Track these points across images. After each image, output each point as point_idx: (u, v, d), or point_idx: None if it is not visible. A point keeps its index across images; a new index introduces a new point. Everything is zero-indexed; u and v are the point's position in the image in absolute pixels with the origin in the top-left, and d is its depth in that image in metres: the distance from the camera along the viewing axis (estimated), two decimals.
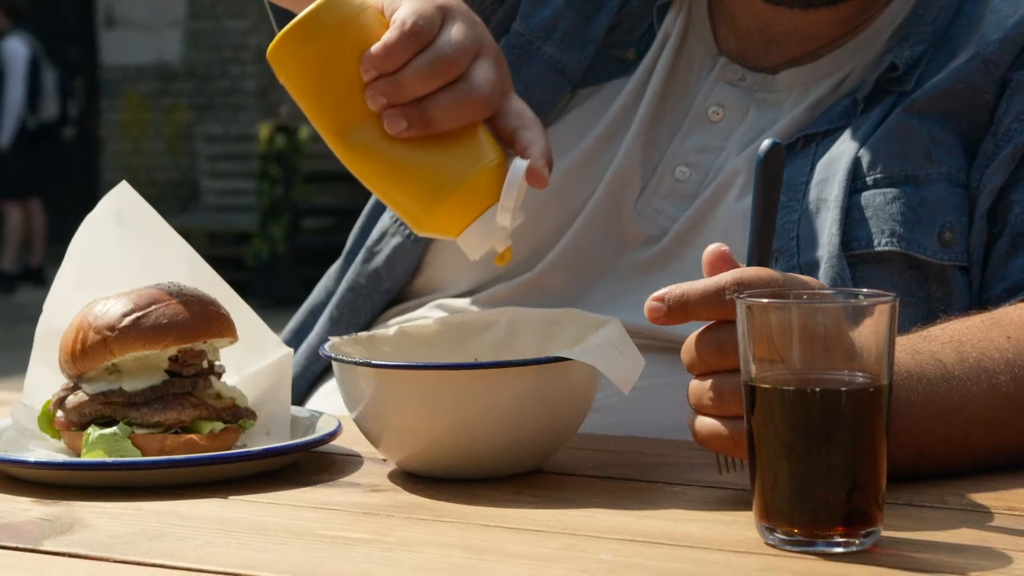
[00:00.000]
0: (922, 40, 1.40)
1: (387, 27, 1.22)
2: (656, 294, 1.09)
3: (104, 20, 12.64)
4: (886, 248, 1.34)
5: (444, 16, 1.23)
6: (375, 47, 1.20)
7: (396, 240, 1.52)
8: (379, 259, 1.53)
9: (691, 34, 1.48)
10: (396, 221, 1.53)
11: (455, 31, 1.22)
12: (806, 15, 1.44)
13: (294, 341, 1.60)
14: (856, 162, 1.35)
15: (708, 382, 1.09)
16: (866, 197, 1.35)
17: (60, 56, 12.02)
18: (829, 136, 1.39)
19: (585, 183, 1.45)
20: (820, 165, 1.37)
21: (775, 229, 1.12)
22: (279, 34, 1.22)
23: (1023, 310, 1.24)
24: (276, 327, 1.67)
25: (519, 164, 1.22)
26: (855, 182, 1.35)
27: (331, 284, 1.60)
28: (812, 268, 1.34)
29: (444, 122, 1.21)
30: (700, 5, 1.49)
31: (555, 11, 1.50)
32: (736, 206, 1.40)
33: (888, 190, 1.35)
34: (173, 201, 11.84)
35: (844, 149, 1.37)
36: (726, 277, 1.08)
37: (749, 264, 1.11)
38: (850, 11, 1.44)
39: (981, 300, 1.35)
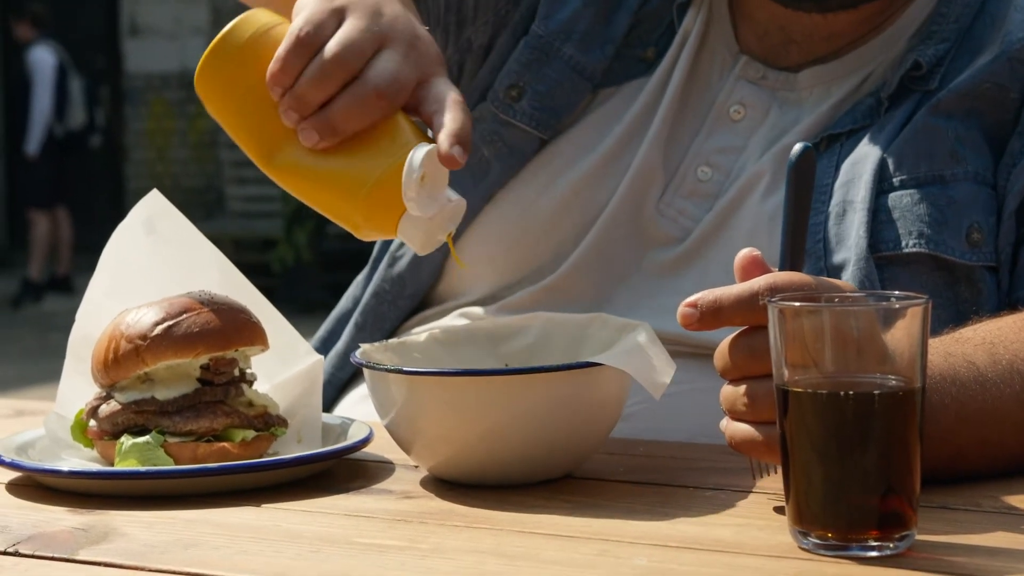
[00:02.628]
0: (946, 38, 1.39)
1: None
2: (689, 300, 1.09)
3: (128, 28, 12.69)
4: (914, 250, 1.33)
5: (340, 16, 1.20)
6: (272, 63, 1.19)
7: None
8: (402, 263, 1.54)
9: (711, 33, 1.48)
10: None
11: (345, 29, 1.19)
12: (825, 16, 1.44)
13: (323, 348, 1.60)
14: (882, 163, 1.35)
15: (742, 387, 1.09)
16: (893, 198, 1.34)
17: (85, 65, 12.07)
18: (853, 135, 1.39)
19: (606, 184, 1.45)
20: (845, 166, 1.37)
21: (807, 232, 1.12)
22: (198, 64, 1.22)
23: None
24: (302, 333, 1.68)
25: (419, 150, 1.19)
26: (882, 183, 1.35)
27: (358, 291, 1.60)
28: (840, 270, 1.33)
29: (348, 125, 1.19)
30: (720, 3, 1.48)
31: (574, 11, 1.50)
32: (761, 208, 1.39)
33: (915, 191, 1.34)
34: (198, 208, 11.87)
35: (869, 150, 1.36)
36: (759, 282, 1.08)
37: (781, 268, 1.11)
38: (872, 11, 1.44)
39: (1010, 300, 1.34)
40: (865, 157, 1.36)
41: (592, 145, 1.46)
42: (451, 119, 1.19)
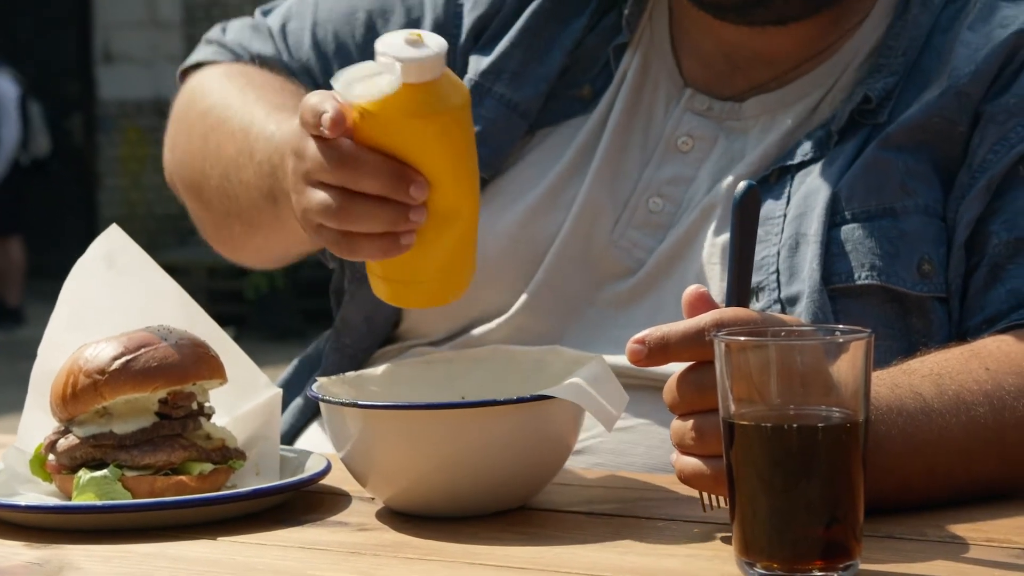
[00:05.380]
0: (895, 71, 1.41)
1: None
2: (637, 337, 1.11)
3: (102, 55, 12.68)
4: (866, 282, 1.35)
5: None
6: None
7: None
8: (355, 312, 1.54)
9: (654, 69, 1.49)
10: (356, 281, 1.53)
11: None
12: (765, 37, 1.45)
13: (286, 393, 1.60)
14: (834, 197, 1.37)
15: (690, 422, 1.10)
16: (845, 231, 1.36)
17: (58, 91, 12.05)
18: (804, 168, 1.40)
19: (552, 219, 1.46)
20: (797, 199, 1.38)
21: (752, 269, 1.14)
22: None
23: (1001, 342, 1.26)
24: (276, 360, 1.70)
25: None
26: (834, 216, 1.36)
27: (322, 344, 1.61)
28: (794, 302, 1.35)
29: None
30: (662, 40, 1.50)
31: (503, 52, 1.51)
32: (715, 239, 1.41)
33: (866, 224, 1.36)
34: (172, 235, 11.84)
35: (821, 183, 1.38)
36: (706, 319, 1.09)
37: (728, 304, 1.13)
38: (811, 33, 1.45)
39: (960, 331, 1.36)
40: (817, 190, 1.38)
41: (534, 182, 1.47)
42: None
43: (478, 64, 1.51)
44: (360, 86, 1.19)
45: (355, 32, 1.57)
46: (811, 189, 1.38)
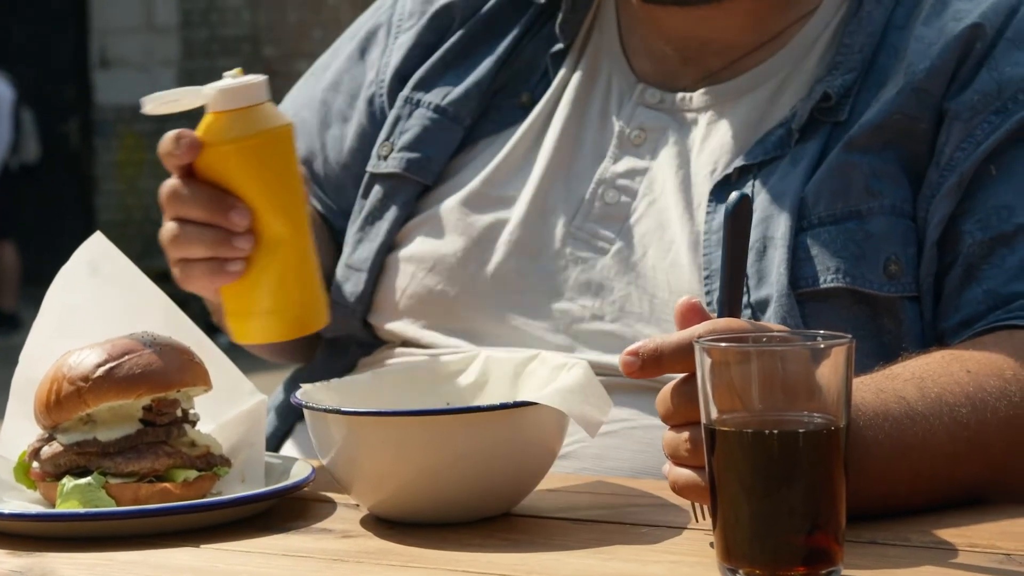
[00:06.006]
0: (852, 68, 1.41)
1: None
2: (630, 348, 1.11)
3: (98, 60, 12.68)
4: (832, 284, 1.35)
5: None
6: None
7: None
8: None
9: (605, 71, 1.51)
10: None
11: None
12: (708, 23, 1.46)
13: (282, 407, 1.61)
14: (801, 202, 1.37)
15: (684, 434, 1.10)
16: (811, 236, 1.37)
17: (54, 96, 12.05)
18: (766, 167, 1.41)
19: (487, 213, 1.48)
20: (762, 202, 1.39)
21: (744, 280, 1.14)
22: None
23: (982, 345, 1.27)
24: (271, 366, 1.69)
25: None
26: (800, 221, 1.37)
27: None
28: (763, 306, 1.36)
29: None
30: (611, 42, 1.52)
31: (430, 66, 1.55)
32: (676, 229, 1.41)
33: (832, 227, 1.37)
34: None
35: (786, 187, 1.39)
36: (699, 329, 1.10)
37: (720, 315, 1.13)
38: (754, 16, 1.46)
39: (936, 332, 1.37)
40: (782, 194, 1.38)
41: (472, 180, 1.50)
42: None
43: (406, 88, 1.56)
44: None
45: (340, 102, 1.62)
46: (776, 192, 1.39)
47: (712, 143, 1.44)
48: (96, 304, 1.35)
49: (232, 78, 1.30)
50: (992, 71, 1.38)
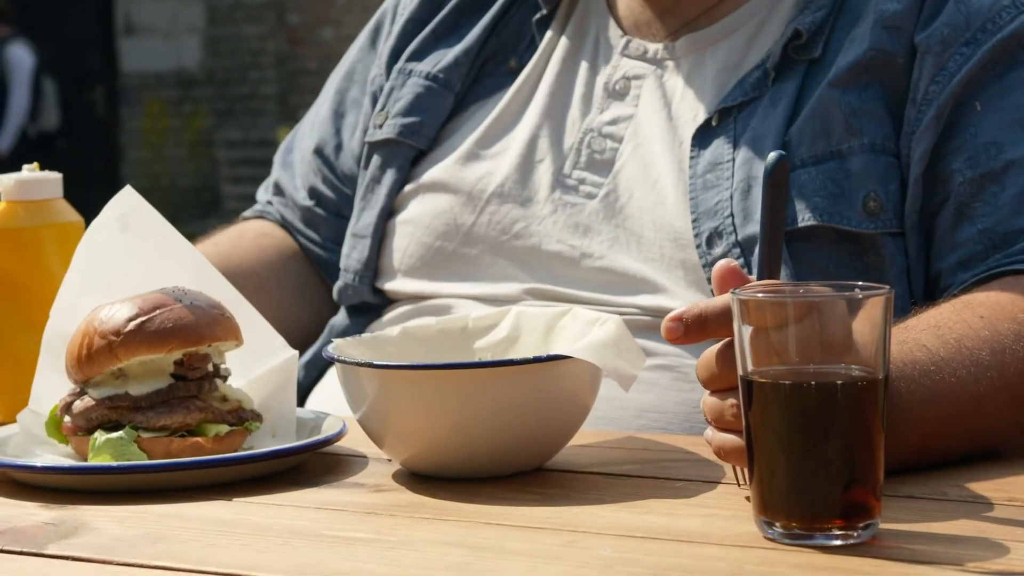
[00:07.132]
0: (823, 6, 1.44)
1: None
2: (673, 314, 1.11)
3: (123, 28, 12.69)
4: (808, 223, 1.37)
5: None
6: None
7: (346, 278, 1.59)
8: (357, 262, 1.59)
9: (593, 31, 1.55)
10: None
11: None
12: None
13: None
14: (784, 146, 1.39)
15: (730, 399, 1.09)
16: (792, 176, 1.38)
17: (79, 64, 12.07)
18: (745, 108, 1.43)
19: (481, 165, 1.53)
20: (744, 142, 1.41)
21: (783, 240, 1.13)
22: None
23: (989, 290, 1.28)
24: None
25: None
26: None
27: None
28: (751, 244, 1.37)
29: None
30: (599, 2, 1.56)
31: (422, 39, 1.61)
32: (662, 169, 1.45)
33: (813, 168, 1.39)
34: (194, 207, 11.86)
35: (767, 128, 1.41)
36: None
37: (759, 277, 1.12)
38: None
39: (931, 271, 1.38)
40: (764, 135, 1.41)
41: (465, 139, 1.55)
42: None
43: (400, 61, 1.62)
44: None
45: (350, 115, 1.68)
46: (758, 133, 1.41)
47: (693, 88, 1.48)
48: (127, 259, 1.34)
49: (28, 169, 1.44)
50: (959, 3, 1.40)
